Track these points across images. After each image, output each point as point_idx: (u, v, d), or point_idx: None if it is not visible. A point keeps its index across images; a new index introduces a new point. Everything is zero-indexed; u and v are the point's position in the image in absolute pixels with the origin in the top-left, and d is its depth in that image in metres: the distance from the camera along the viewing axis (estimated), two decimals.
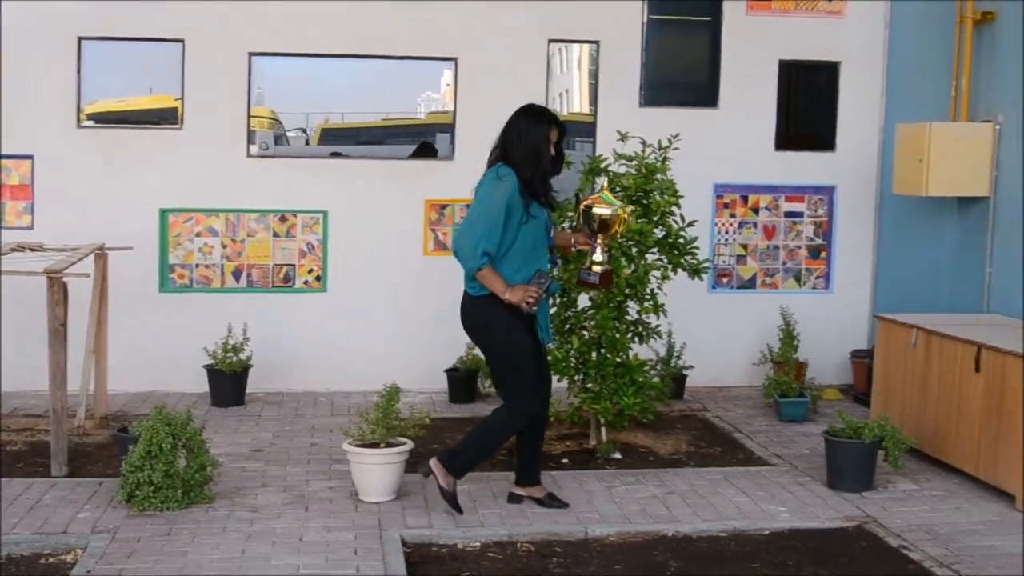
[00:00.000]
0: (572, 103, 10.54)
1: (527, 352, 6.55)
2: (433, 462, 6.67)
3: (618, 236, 7.10)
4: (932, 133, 9.00)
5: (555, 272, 7.03)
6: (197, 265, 9.86)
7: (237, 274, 9.92)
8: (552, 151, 6.58)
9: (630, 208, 7.04)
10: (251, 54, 9.81)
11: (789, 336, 9.69)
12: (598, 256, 6.66)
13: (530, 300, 6.39)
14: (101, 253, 8.63)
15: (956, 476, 7.57)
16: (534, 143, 6.49)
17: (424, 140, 10.26)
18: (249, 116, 9.86)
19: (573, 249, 6.99)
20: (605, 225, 6.58)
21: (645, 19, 10.25)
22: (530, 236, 6.50)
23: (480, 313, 6.55)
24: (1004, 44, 8.99)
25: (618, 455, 7.95)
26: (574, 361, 7.98)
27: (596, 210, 6.57)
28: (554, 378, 8.11)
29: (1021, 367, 6.88)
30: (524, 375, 6.55)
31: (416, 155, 10.20)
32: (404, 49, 9.98)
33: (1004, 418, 7.04)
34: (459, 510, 6.65)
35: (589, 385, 7.93)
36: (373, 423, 6.95)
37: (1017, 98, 8.79)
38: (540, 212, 6.54)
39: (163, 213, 9.77)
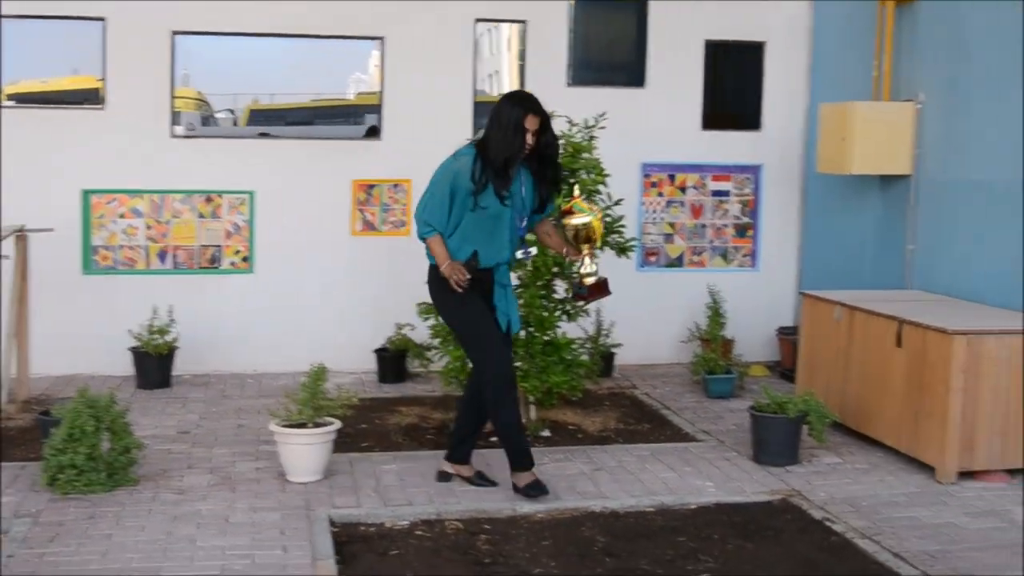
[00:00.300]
0: (502, 84, 10.52)
1: (481, 319, 6.50)
2: (516, 477, 6.62)
3: (598, 243, 6.66)
4: (854, 112, 9.09)
5: (526, 260, 6.96)
6: (121, 247, 9.73)
7: (162, 255, 9.81)
8: (531, 139, 6.37)
9: (600, 214, 6.69)
10: (174, 32, 9.69)
11: (716, 314, 9.78)
12: (586, 267, 6.49)
13: (455, 278, 6.37)
14: (21, 235, 8.49)
15: (879, 449, 7.69)
16: (505, 127, 6.34)
17: (371, 124, 10.15)
18: (173, 96, 9.73)
19: (567, 260, 6.92)
20: (583, 235, 6.39)
21: None
22: (478, 225, 6.42)
23: (435, 281, 6.57)
24: (925, 24, 9.10)
25: (547, 433, 7.99)
26: None
27: (572, 220, 6.38)
28: None
29: (941, 342, 7.00)
30: (484, 340, 6.51)
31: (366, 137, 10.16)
32: (330, 28, 9.90)
33: (924, 392, 7.16)
34: (544, 491, 6.57)
35: (518, 364, 7.92)
36: (300, 403, 6.92)
37: (937, 77, 8.91)
38: (492, 203, 6.39)
39: (86, 194, 9.62)
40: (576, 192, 6.64)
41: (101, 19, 9.54)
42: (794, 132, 10.65)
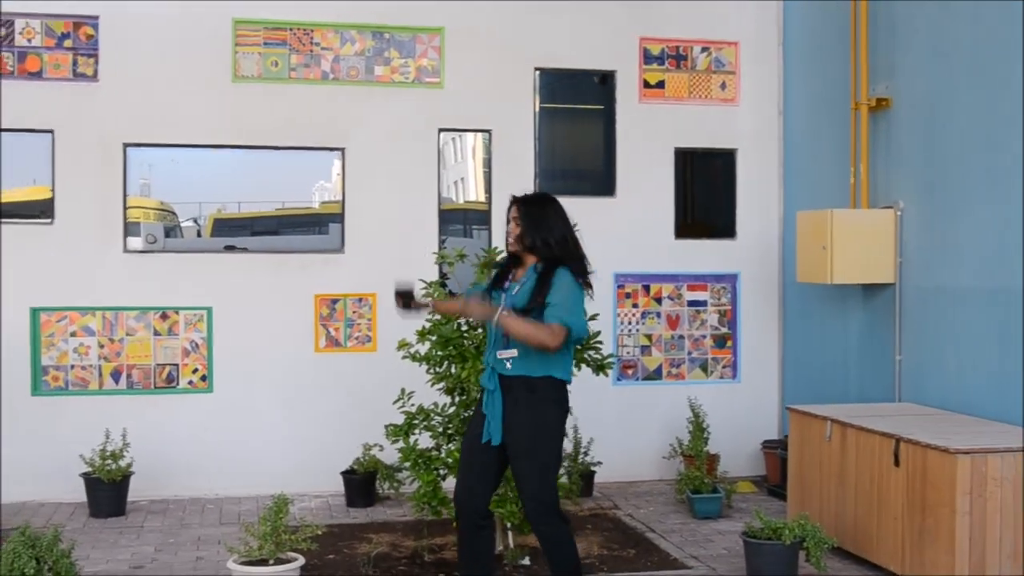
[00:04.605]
0: (468, 191, 10.26)
1: (466, 438, 6.07)
2: None
3: None
4: (834, 220, 8.83)
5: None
6: (72, 366, 9.26)
7: (116, 375, 9.34)
8: (511, 226, 6.16)
9: None
10: (125, 145, 9.37)
11: (699, 428, 9.36)
12: None
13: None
14: None
15: (880, 575, 7.26)
16: None
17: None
18: (125, 209, 9.37)
19: None
20: None
21: (537, 108, 10.04)
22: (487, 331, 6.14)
23: None
24: (900, 130, 8.90)
25: (527, 561, 7.50)
26: None
27: None
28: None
29: (943, 462, 6.62)
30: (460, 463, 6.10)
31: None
32: (290, 139, 9.62)
33: (927, 513, 6.76)
34: None
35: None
36: (260, 537, 6.43)
37: (916, 183, 8.68)
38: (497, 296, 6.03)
39: (35, 312, 9.18)
40: None
41: (50, 131, 9.20)
42: (770, 240, 10.41)
